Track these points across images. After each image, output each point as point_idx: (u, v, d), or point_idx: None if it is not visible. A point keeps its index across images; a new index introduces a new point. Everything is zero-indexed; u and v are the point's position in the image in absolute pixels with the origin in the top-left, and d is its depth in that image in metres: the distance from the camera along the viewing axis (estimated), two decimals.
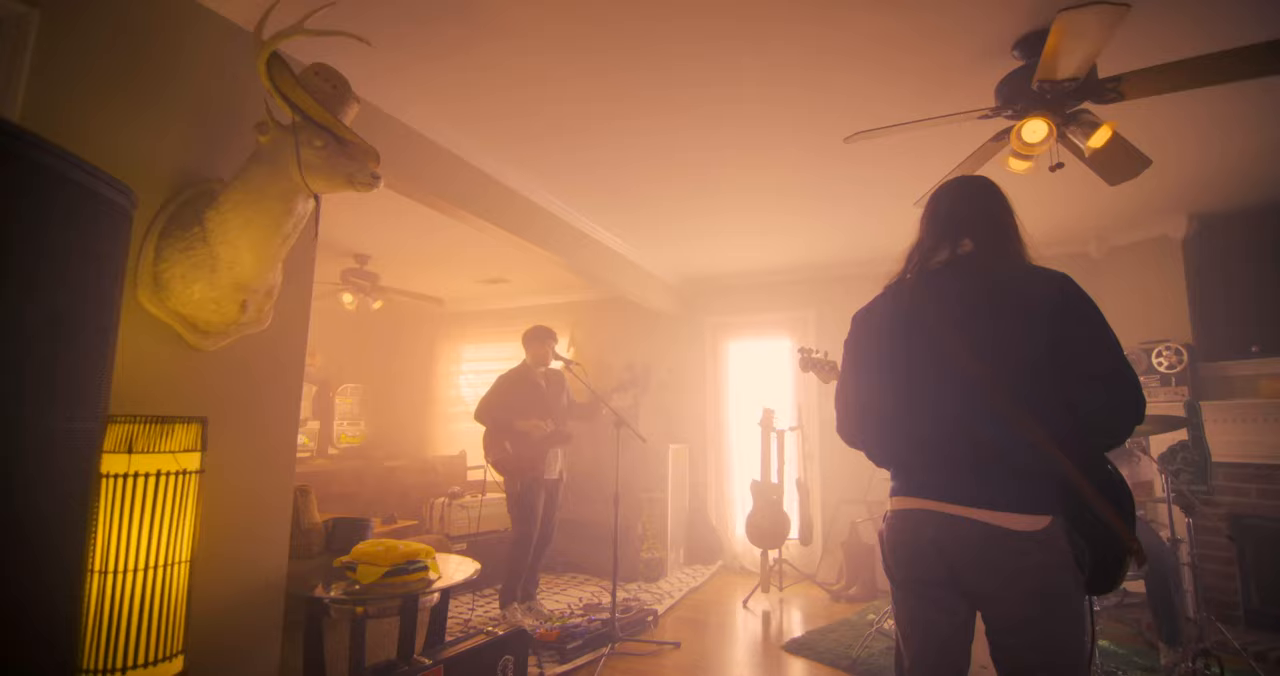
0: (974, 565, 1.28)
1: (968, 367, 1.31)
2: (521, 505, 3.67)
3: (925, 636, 1.36)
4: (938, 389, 1.35)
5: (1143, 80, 1.91)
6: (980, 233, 1.44)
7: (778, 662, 3.26)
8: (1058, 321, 1.27)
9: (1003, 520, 1.24)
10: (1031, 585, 1.23)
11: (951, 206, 1.49)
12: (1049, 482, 1.26)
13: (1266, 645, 3.26)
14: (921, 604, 1.37)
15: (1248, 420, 3.52)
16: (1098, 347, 1.26)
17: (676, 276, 5.72)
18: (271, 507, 2.03)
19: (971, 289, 1.38)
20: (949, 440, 1.33)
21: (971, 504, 1.28)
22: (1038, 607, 1.23)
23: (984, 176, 1.53)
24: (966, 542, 1.28)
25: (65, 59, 1.60)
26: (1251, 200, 3.62)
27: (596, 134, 2.99)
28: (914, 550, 1.36)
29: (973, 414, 1.30)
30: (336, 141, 1.73)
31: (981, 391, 1.29)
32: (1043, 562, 1.23)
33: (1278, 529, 3.48)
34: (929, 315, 1.39)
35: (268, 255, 1.74)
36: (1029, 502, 1.24)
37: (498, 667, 2.27)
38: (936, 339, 1.36)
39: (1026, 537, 1.23)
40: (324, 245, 4.66)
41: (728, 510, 5.60)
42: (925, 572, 1.35)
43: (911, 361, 1.40)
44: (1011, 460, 1.26)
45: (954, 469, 1.32)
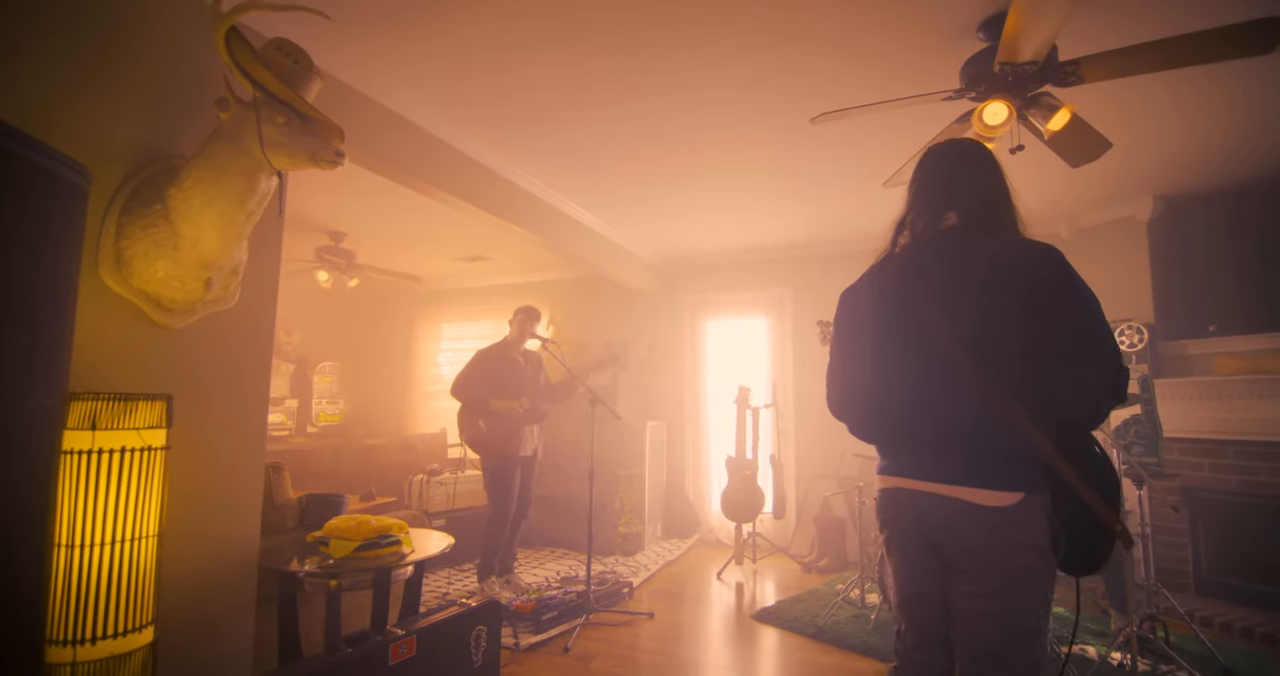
0: (948, 540, 1.31)
1: (943, 344, 1.28)
2: (497, 481, 3.73)
3: (917, 608, 1.40)
4: (908, 366, 1.35)
5: (1101, 64, 1.95)
6: (964, 203, 1.39)
7: (747, 631, 3.36)
8: (1035, 297, 1.23)
9: (973, 496, 1.26)
10: (1000, 560, 1.24)
11: (934, 176, 1.45)
12: (1023, 460, 1.24)
13: (1213, 611, 3.42)
14: (911, 577, 1.40)
15: (1201, 397, 3.65)
16: (1076, 324, 1.22)
17: (656, 255, 5.73)
18: (242, 483, 2.05)
19: (951, 264, 1.33)
20: (917, 417, 1.34)
21: (943, 480, 1.31)
22: (1006, 582, 1.24)
23: (971, 140, 1.47)
24: (941, 518, 1.31)
25: (20, 36, 1.57)
26: (1214, 183, 3.70)
27: (573, 118, 3.02)
28: (897, 527, 1.41)
29: (939, 391, 1.30)
30: (299, 118, 1.72)
31: (954, 368, 1.27)
32: (1014, 539, 1.23)
33: (1227, 501, 3.63)
34: (907, 292, 1.36)
35: (231, 232, 1.74)
36: (999, 479, 1.24)
37: (470, 637, 2.32)
38: (913, 316, 1.35)
39: (996, 512, 1.24)
40: (297, 222, 4.61)
41: (705, 485, 5.70)
42: (910, 548, 1.39)
43: (888, 339, 1.39)
44: (981, 437, 1.26)
45: (925, 446, 1.35)
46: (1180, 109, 2.82)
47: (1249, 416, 3.46)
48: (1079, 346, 1.22)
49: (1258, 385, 3.41)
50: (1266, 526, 3.47)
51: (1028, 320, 1.24)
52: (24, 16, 1.58)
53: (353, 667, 1.88)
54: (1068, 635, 3.08)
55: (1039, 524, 1.24)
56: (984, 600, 1.26)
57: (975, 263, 1.31)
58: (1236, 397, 3.51)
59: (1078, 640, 3.03)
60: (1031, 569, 1.23)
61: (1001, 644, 1.25)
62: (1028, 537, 1.23)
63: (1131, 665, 2.64)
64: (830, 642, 3.11)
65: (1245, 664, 2.81)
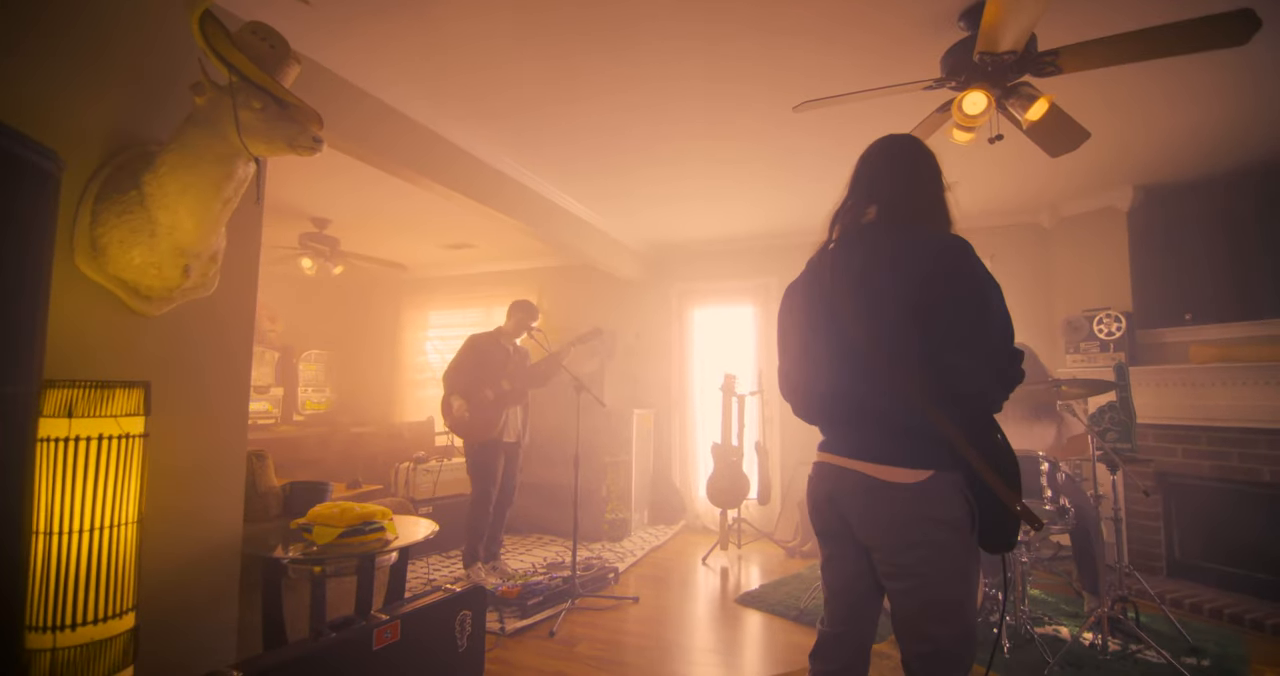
0: (858, 514, 1.37)
1: (854, 333, 1.36)
2: (479, 466, 3.74)
3: (831, 578, 1.49)
4: (829, 354, 1.43)
5: (1079, 54, 1.96)
6: (884, 197, 1.45)
7: (731, 614, 3.42)
8: (928, 287, 1.29)
9: (881, 472, 1.32)
10: (909, 535, 1.30)
11: (864, 171, 1.50)
12: (931, 440, 1.29)
13: (1184, 593, 3.52)
14: (828, 549, 1.49)
15: (1175, 384, 3.72)
16: (965, 314, 1.27)
17: (643, 243, 5.73)
18: (224, 471, 2.05)
19: (865, 257, 1.40)
20: (840, 400, 1.42)
21: (855, 456, 1.38)
22: (914, 557, 1.29)
23: (907, 136, 1.51)
24: (851, 493, 1.38)
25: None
26: (1194, 173, 3.74)
27: (562, 111, 3.06)
28: (815, 500, 1.49)
29: (856, 376, 1.37)
30: (276, 103, 1.70)
31: (864, 355, 1.34)
32: (919, 514, 1.28)
33: (1200, 486, 3.71)
34: (829, 284, 1.44)
35: (208, 219, 1.73)
36: (908, 457, 1.30)
37: (455, 622, 2.35)
38: (833, 307, 1.42)
39: (903, 489, 1.29)
40: (280, 209, 4.57)
41: (691, 472, 5.75)
42: (827, 521, 1.47)
43: (814, 329, 1.47)
44: (891, 419, 1.33)
45: (844, 426, 1.44)
46: (1160, 99, 2.85)
47: (1221, 403, 3.54)
48: (968, 333, 1.27)
49: (1230, 372, 3.48)
50: (1236, 510, 3.56)
51: (923, 309, 1.29)
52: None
53: (336, 652, 1.90)
54: (1043, 616, 3.15)
55: (949, 501, 1.28)
56: (899, 576, 1.33)
57: (885, 256, 1.37)
58: (1209, 385, 3.58)
59: (1052, 620, 3.11)
60: (941, 544, 1.28)
61: (925, 619, 1.31)
62: (933, 513, 1.28)
63: (1102, 645, 2.71)
64: (811, 625, 3.16)
65: (1212, 642, 2.90)
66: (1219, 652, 2.78)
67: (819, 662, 1.50)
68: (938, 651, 1.30)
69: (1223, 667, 2.63)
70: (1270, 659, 2.80)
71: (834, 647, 1.48)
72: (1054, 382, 2.83)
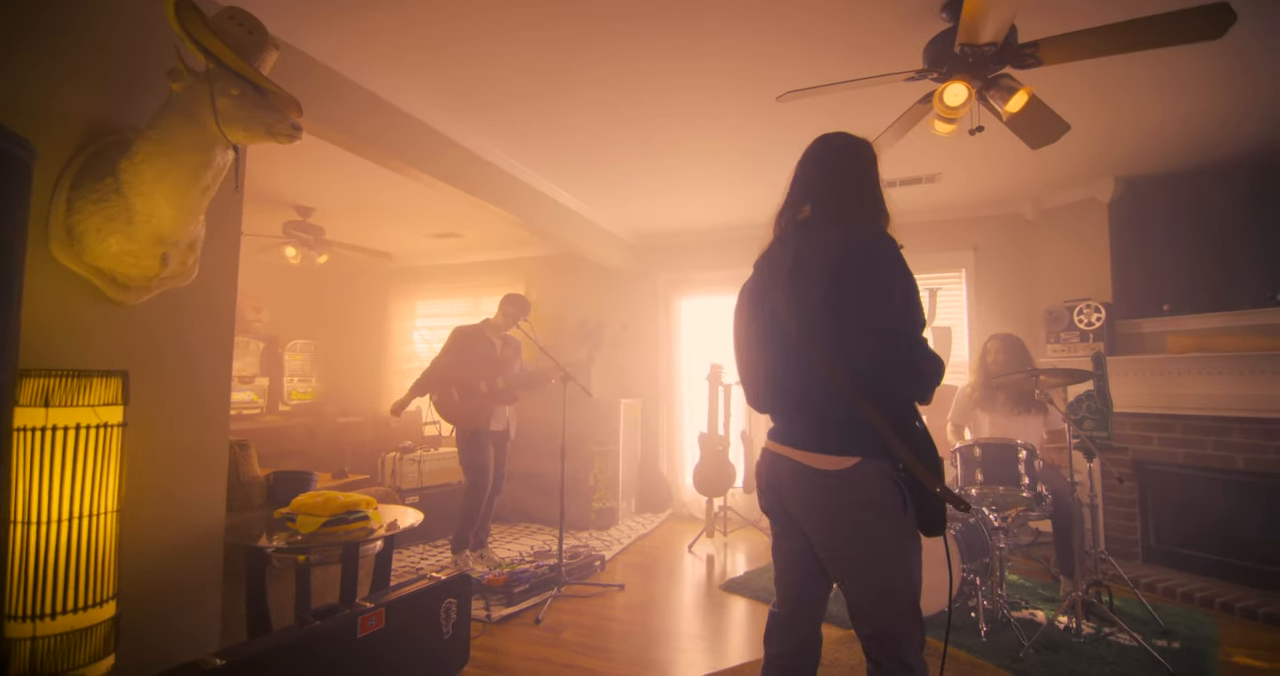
0: (793, 500, 1.44)
1: (787, 326, 1.41)
2: (471, 455, 3.76)
3: (778, 559, 1.57)
4: (766, 347, 1.50)
5: (1059, 46, 1.98)
6: (816, 196, 1.51)
7: (716, 601, 3.46)
8: (835, 278, 1.34)
9: (809, 459, 1.38)
10: (838, 520, 1.36)
11: (801, 171, 1.57)
12: (858, 428, 1.33)
13: (1157, 577, 3.60)
14: (775, 530, 1.57)
15: (1152, 374, 3.78)
16: (863, 305, 1.32)
17: (631, 233, 5.72)
18: (205, 460, 2.05)
19: (794, 252, 1.45)
20: (777, 391, 1.49)
21: (789, 444, 1.44)
22: (845, 541, 1.36)
23: (840, 135, 1.55)
24: (788, 479, 1.44)
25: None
26: (1173, 165, 3.79)
27: (551, 103, 3.11)
28: (760, 486, 1.56)
29: (789, 367, 1.44)
30: (254, 90, 1.69)
31: (795, 347, 1.40)
32: (847, 500, 1.34)
33: (1175, 473, 3.79)
34: (767, 280, 1.51)
35: (187, 207, 1.71)
36: (834, 444, 1.36)
37: (440, 610, 2.37)
38: (770, 302, 1.48)
39: (831, 476, 1.35)
40: (263, 197, 4.52)
41: (678, 461, 5.78)
42: (770, 505, 1.54)
43: (755, 324, 1.54)
44: (817, 408, 1.39)
45: (781, 415, 1.51)
46: (1145, 90, 2.87)
47: (1196, 392, 3.60)
48: (866, 321, 1.31)
49: (1205, 362, 3.54)
50: (1209, 497, 3.64)
51: (832, 301, 1.34)
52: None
53: (321, 640, 1.91)
54: (1020, 601, 3.22)
55: (876, 486, 1.33)
56: (835, 560, 1.40)
57: (809, 251, 1.43)
58: (1185, 374, 3.64)
59: (1029, 604, 3.17)
60: (870, 528, 1.33)
61: (865, 600, 1.37)
62: (861, 498, 1.33)
63: (1076, 628, 2.78)
64: None
65: (1183, 625, 2.97)
66: (1190, 635, 2.86)
67: (771, 646, 1.57)
68: (882, 631, 1.35)
69: (1193, 649, 2.70)
70: (1239, 641, 2.88)
71: (783, 629, 1.55)
72: (1032, 372, 2.87)
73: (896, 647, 1.34)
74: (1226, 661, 2.66)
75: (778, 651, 1.54)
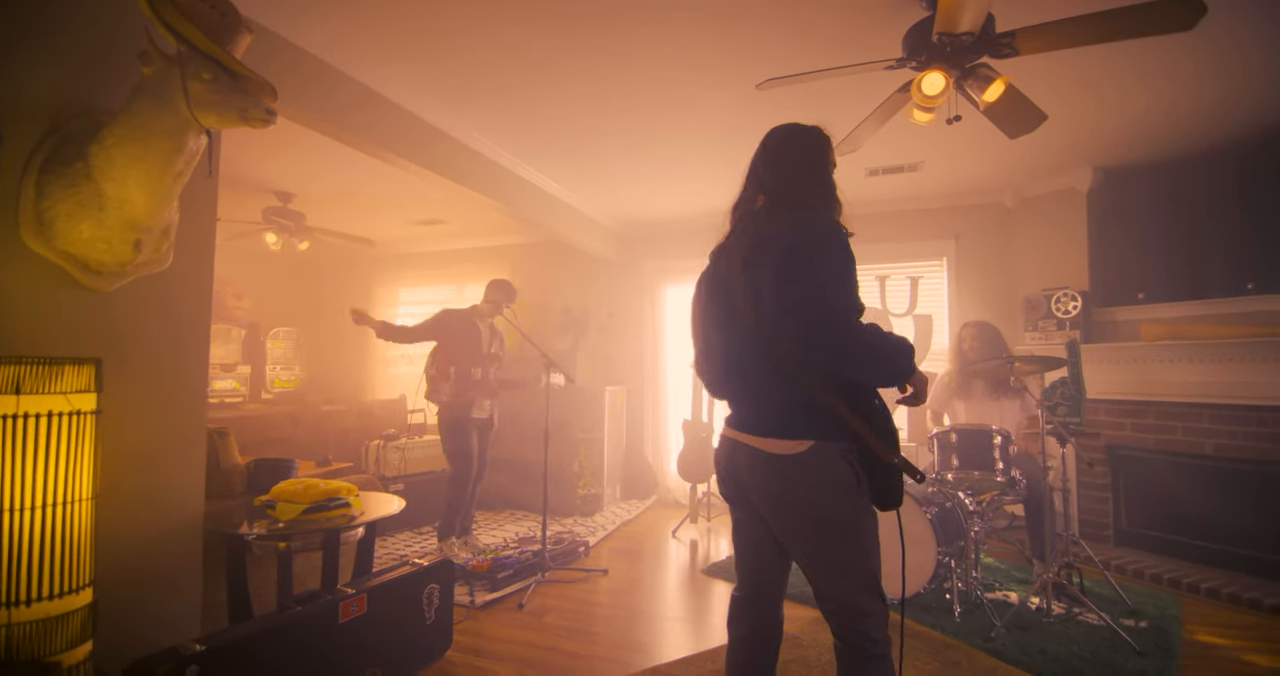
0: (751, 485, 1.47)
1: (740, 314, 1.45)
2: (455, 442, 3.77)
3: (738, 543, 1.61)
4: (720, 335, 1.53)
5: (1035, 36, 1.99)
6: (768, 186, 1.53)
7: (698, 584, 3.51)
8: (783, 267, 1.36)
9: (764, 444, 1.42)
10: (793, 503, 1.39)
11: (757, 161, 1.59)
12: (810, 412, 1.37)
13: (1128, 559, 3.69)
14: (734, 515, 1.61)
15: (1126, 361, 3.85)
16: (811, 292, 1.32)
17: (617, 221, 5.71)
18: (184, 448, 2.04)
19: (749, 242, 1.47)
20: (729, 377, 1.52)
21: (744, 430, 1.48)
22: (802, 524, 1.40)
23: (793, 126, 1.57)
24: (743, 465, 1.48)
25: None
26: (1150, 155, 3.83)
27: (541, 94, 3.16)
28: (719, 471, 1.59)
29: (740, 354, 1.47)
30: (227, 74, 1.66)
31: (746, 334, 1.44)
32: (802, 483, 1.37)
33: (1146, 459, 3.88)
34: (723, 270, 1.53)
35: (159, 193, 1.69)
36: (787, 429, 1.39)
37: (423, 595, 2.39)
38: (726, 291, 1.51)
39: (785, 460, 1.38)
40: (242, 182, 4.46)
41: (663, 448, 5.83)
42: (730, 490, 1.57)
43: (709, 312, 1.57)
44: (771, 393, 1.42)
45: (737, 401, 1.54)
46: (1119, 81, 2.90)
47: (1168, 379, 3.68)
48: (811, 311, 1.32)
49: (1177, 350, 3.62)
50: (1179, 481, 3.73)
51: (778, 289, 1.36)
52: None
53: (302, 625, 1.93)
54: (994, 583, 3.30)
55: (831, 468, 1.36)
56: (792, 542, 1.44)
57: (763, 240, 1.44)
58: (1158, 361, 3.71)
59: (1003, 586, 3.25)
60: (826, 509, 1.37)
61: (824, 578, 1.42)
62: (815, 480, 1.36)
63: (1047, 608, 2.85)
64: None
65: (1151, 605, 3.06)
66: (1156, 614, 2.94)
67: (733, 628, 1.62)
68: (842, 607, 1.40)
69: (1158, 628, 2.78)
70: (1203, 619, 2.97)
71: (744, 611, 1.59)
72: (1008, 359, 2.92)
73: (858, 622, 1.38)
74: (1190, 639, 2.74)
75: (740, 633, 1.58)
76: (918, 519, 2.91)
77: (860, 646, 1.38)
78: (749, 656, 1.58)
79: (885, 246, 4.96)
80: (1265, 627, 2.89)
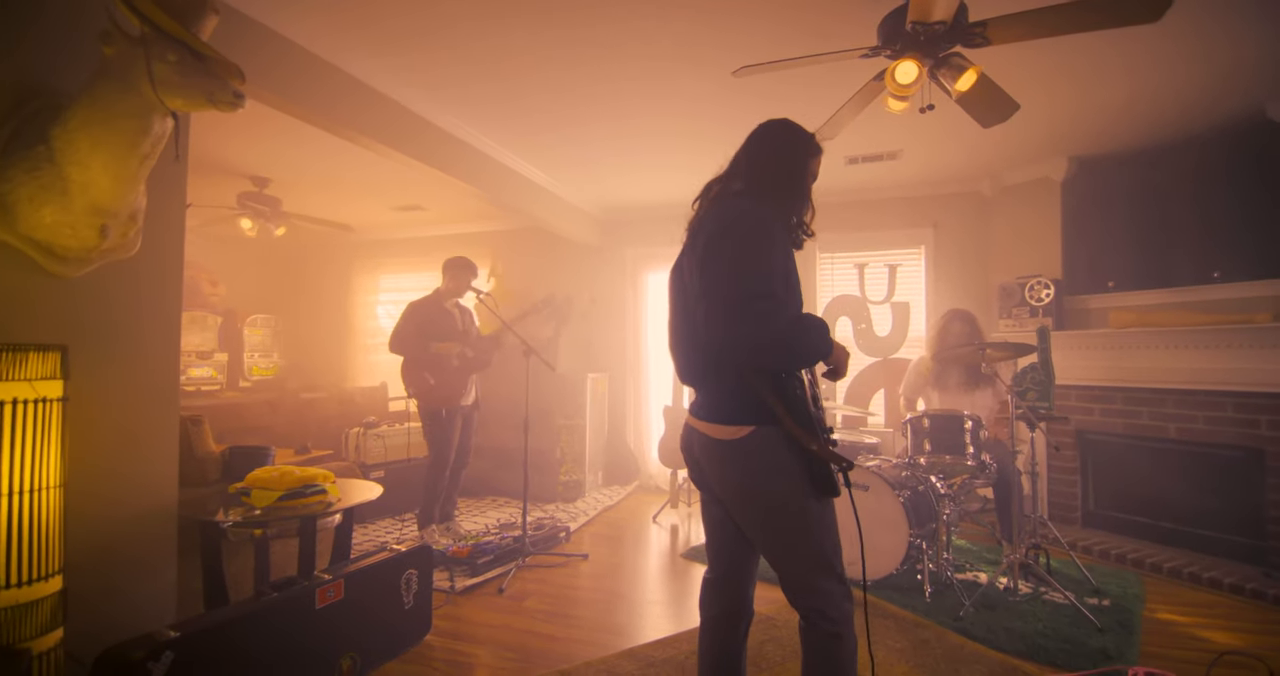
0: (707, 469, 1.50)
1: (686, 300, 1.48)
2: (439, 431, 3.75)
3: (706, 524, 1.64)
4: (678, 321, 1.56)
5: (1007, 25, 2.01)
6: (737, 174, 1.57)
7: (678, 568, 3.56)
8: (702, 251, 1.40)
9: (710, 430, 1.45)
10: (738, 488, 1.43)
11: (745, 143, 1.62)
12: (746, 397, 1.39)
13: (1094, 540, 3.80)
14: (703, 500, 1.64)
15: (1095, 347, 3.93)
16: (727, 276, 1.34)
17: (599, 208, 5.70)
18: (155, 435, 2.03)
19: (697, 226, 1.52)
20: (684, 364, 1.55)
21: (695, 415, 1.51)
22: (750, 508, 1.43)
23: (781, 120, 1.61)
24: (698, 450, 1.51)
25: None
26: (1123, 145, 3.89)
27: (523, 84, 3.16)
28: (684, 455, 1.62)
29: (686, 339, 1.51)
30: (193, 56, 1.64)
31: (689, 320, 1.47)
32: (744, 468, 1.40)
33: (1114, 443, 3.98)
34: (684, 255, 1.54)
35: (125, 177, 1.67)
36: (727, 414, 1.42)
37: (401, 581, 2.41)
38: (678, 274, 1.55)
39: (728, 445, 1.41)
40: (216, 166, 4.38)
41: (645, 434, 5.86)
42: (693, 475, 1.60)
43: (673, 299, 1.59)
44: (712, 380, 1.46)
45: (692, 387, 1.57)
46: (1093, 71, 2.94)
47: (1136, 365, 3.76)
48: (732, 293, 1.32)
49: (1145, 337, 3.70)
50: (1144, 465, 3.83)
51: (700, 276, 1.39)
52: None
53: (278, 611, 1.94)
54: (964, 564, 3.38)
55: (770, 452, 1.38)
56: (745, 523, 1.47)
57: (701, 224, 1.50)
58: (1126, 348, 3.80)
59: (973, 567, 3.33)
60: (769, 492, 1.39)
61: (776, 557, 1.45)
62: (756, 464, 1.39)
63: (1014, 587, 2.93)
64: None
65: (1114, 584, 3.15)
66: (1119, 593, 3.04)
67: (704, 610, 1.65)
68: (797, 587, 1.44)
69: (1120, 606, 2.87)
70: (1164, 598, 3.07)
71: (713, 593, 1.63)
72: (979, 345, 2.97)
73: (813, 600, 1.42)
74: (1151, 616, 2.84)
75: (711, 614, 1.62)
76: (890, 502, 2.97)
77: (819, 625, 1.42)
78: (720, 637, 1.61)
79: (864, 234, 5.00)
80: (1223, 605, 2.99)
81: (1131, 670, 2.25)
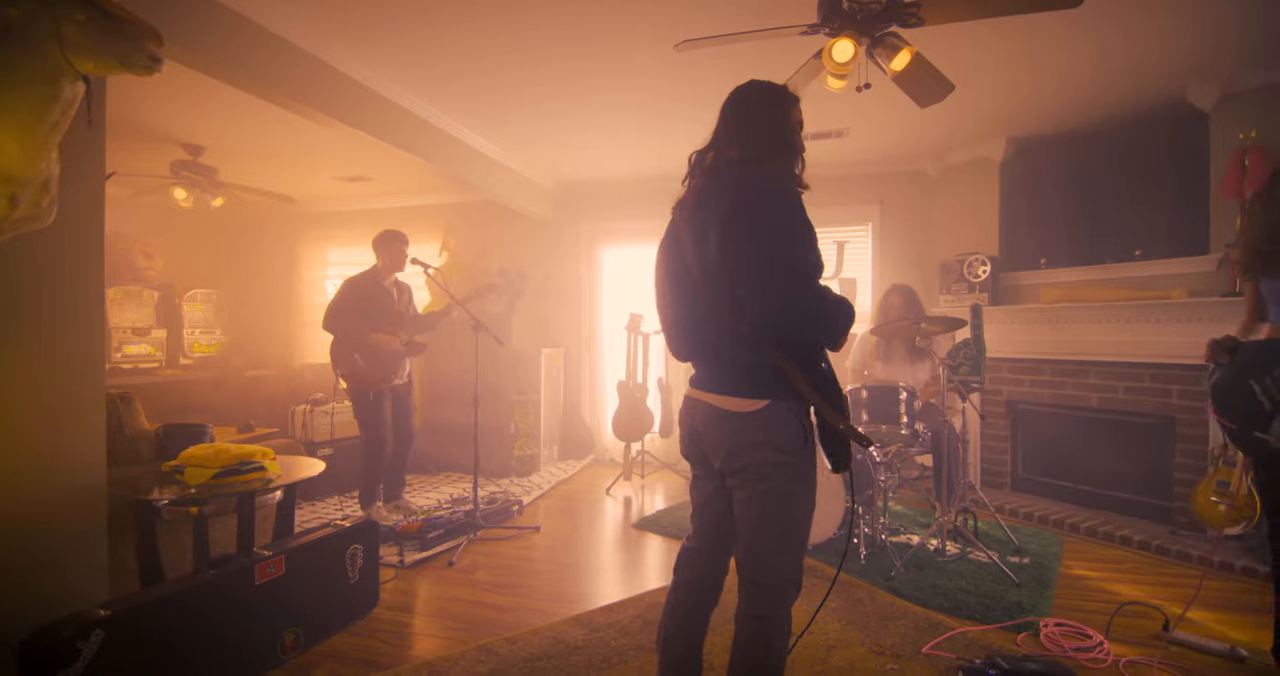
0: (709, 441, 1.50)
1: (695, 272, 1.44)
2: (368, 414, 3.67)
3: (695, 497, 1.63)
4: (677, 293, 1.52)
5: (937, 6, 2.06)
6: (725, 140, 1.52)
7: (629, 538, 3.64)
8: (730, 221, 1.35)
9: (722, 402, 1.44)
10: (745, 458, 1.42)
11: (723, 115, 1.56)
12: (766, 371, 1.38)
13: (1020, 503, 4.03)
14: (694, 472, 1.63)
15: (1026, 322, 4.12)
16: (759, 248, 1.31)
17: (553, 182, 5.63)
18: (80, 413, 1.97)
19: (699, 197, 1.47)
20: (691, 337, 1.52)
21: (705, 389, 1.50)
22: (748, 475, 1.42)
23: (756, 82, 1.56)
24: (700, 422, 1.50)
25: None
26: (1057, 128, 4.03)
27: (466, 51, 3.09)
28: (683, 430, 1.62)
29: (698, 313, 1.47)
30: (104, 16, 1.56)
31: (702, 293, 1.43)
32: (755, 440, 1.39)
33: (1041, 412, 4.20)
34: (680, 226, 1.51)
35: (33, 144, 1.59)
36: (744, 387, 1.40)
37: (345, 556, 2.41)
38: (680, 248, 1.50)
39: (742, 417, 1.40)
40: (145, 133, 4.17)
41: (600, 409, 5.91)
42: (690, 449, 1.60)
43: (668, 270, 1.56)
44: (725, 352, 1.43)
45: (698, 360, 1.55)
46: (1026, 54, 3.03)
47: (1063, 338, 3.96)
48: (751, 264, 1.31)
49: (1073, 312, 3.89)
50: (1067, 432, 4.07)
51: (724, 246, 1.36)
52: None
53: (215, 588, 1.93)
54: (899, 528, 3.55)
55: (784, 427, 1.39)
56: (740, 492, 1.46)
57: (712, 195, 1.43)
58: (1055, 323, 3.99)
59: (907, 530, 3.51)
60: (774, 465, 1.40)
61: (752, 530, 1.45)
62: (767, 439, 1.40)
63: (942, 548, 3.10)
64: None
65: (1035, 544, 3.36)
66: (1039, 552, 3.24)
67: (678, 573, 1.66)
68: (753, 557, 1.46)
69: (1039, 564, 3.07)
70: (1081, 555, 3.29)
71: (694, 558, 1.64)
72: (914, 320, 3.08)
73: (757, 571, 1.45)
74: (1066, 572, 3.05)
75: (687, 577, 1.62)
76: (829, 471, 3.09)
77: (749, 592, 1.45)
78: (690, 597, 1.62)
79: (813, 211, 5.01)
80: (1133, 561, 3.23)
81: (1043, 621, 2.43)
